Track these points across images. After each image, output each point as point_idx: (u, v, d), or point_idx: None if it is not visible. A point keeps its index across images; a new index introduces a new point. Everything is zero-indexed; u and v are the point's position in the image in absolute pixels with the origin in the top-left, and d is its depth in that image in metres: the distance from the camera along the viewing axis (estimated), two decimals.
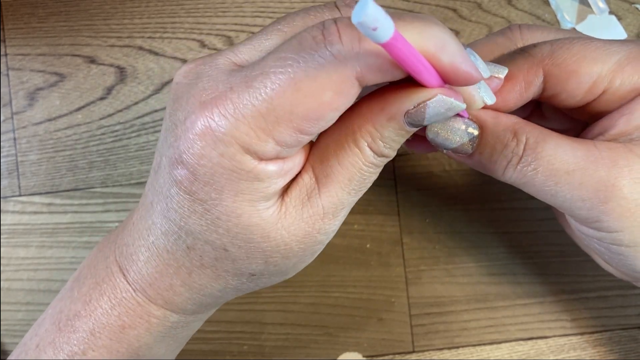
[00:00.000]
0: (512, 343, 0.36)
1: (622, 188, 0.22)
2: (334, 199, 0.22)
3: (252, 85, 0.19)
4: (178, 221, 0.22)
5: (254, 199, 0.21)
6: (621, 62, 0.23)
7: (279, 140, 0.19)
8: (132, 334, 0.24)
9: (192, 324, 0.26)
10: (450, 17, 0.36)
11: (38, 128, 0.36)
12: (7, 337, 0.35)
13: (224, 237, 0.21)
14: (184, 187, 0.21)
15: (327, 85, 0.19)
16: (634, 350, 0.36)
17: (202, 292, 0.23)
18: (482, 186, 0.36)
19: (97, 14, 0.36)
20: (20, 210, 0.36)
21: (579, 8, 0.37)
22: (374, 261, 0.36)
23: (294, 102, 0.19)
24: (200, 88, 0.20)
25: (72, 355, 0.24)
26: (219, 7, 0.36)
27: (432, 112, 0.20)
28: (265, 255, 0.22)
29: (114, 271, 0.24)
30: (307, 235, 0.22)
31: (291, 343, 0.36)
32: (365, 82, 0.19)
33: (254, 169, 0.20)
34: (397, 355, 0.36)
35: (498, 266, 0.36)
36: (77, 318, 0.24)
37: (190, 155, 0.20)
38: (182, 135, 0.20)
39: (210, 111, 0.19)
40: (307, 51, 0.18)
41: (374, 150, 0.21)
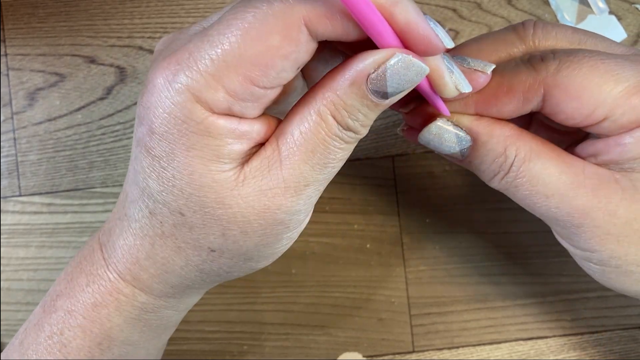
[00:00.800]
0: (512, 343, 0.36)
1: (595, 218, 0.22)
2: (296, 171, 0.21)
3: (207, 33, 0.20)
4: (141, 183, 0.22)
5: (206, 156, 0.20)
6: (629, 91, 0.22)
7: (229, 89, 0.19)
8: (103, 313, 0.24)
9: (163, 311, 0.25)
10: (450, 17, 0.36)
11: (38, 128, 0.36)
12: (7, 337, 0.35)
13: (179, 199, 0.21)
14: (145, 145, 0.21)
15: (274, 29, 0.19)
16: (634, 350, 0.36)
17: (165, 267, 0.23)
18: (482, 186, 0.36)
19: (97, 14, 0.36)
20: (20, 210, 0.36)
21: (579, 8, 0.37)
22: (374, 261, 0.36)
23: (243, 46, 0.19)
24: (169, 49, 0.21)
25: (51, 335, 0.24)
26: (219, 7, 0.36)
27: (393, 74, 0.20)
28: (221, 225, 0.21)
29: (94, 248, 0.24)
30: (266, 209, 0.21)
31: (291, 343, 0.36)
32: (315, 30, 0.19)
33: (204, 120, 0.20)
34: (397, 355, 0.36)
35: (498, 266, 0.36)
36: (59, 297, 0.24)
37: (148, 108, 0.20)
38: (145, 90, 0.21)
39: (168, 62, 0.20)
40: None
41: (337, 120, 0.21)
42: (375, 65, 0.20)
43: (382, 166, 0.36)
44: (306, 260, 0.36)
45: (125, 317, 0.24)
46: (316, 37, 0.20)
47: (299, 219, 0.23)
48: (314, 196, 0.22)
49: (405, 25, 0.19)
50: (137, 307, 0.24)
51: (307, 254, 0.36)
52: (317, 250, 0.36)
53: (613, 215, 0.22)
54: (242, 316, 0.36)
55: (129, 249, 0.23)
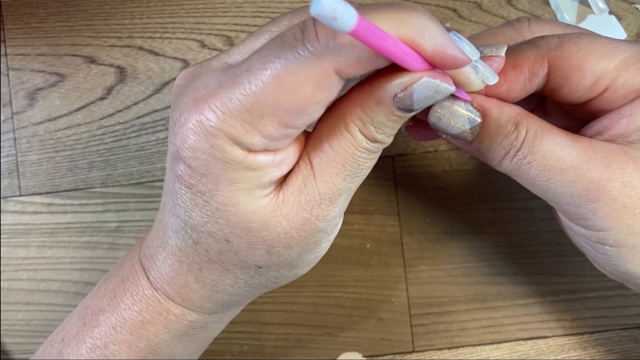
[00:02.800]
0: (512, 343, 0.36)
1: (611, 190, 0.22)
2: (330, 184, 0.22)
3: (238, 81, 0.20)
4: (183, 216, 0.22)
5: (249, 187, 0.21)
6: (627, 61, 0.23)
7: (264, 134, 0.20)
8: (151, 330, 0.25)
9: (210, 325, 0.26)
10: (450, 17, 0.36)
11: (38, 128, 0.36)
12: (7, 337, 0.35)
13: (224, 228, 0.22)
14: (185, 182, 0.22)
15: (307, 80, 0.19)
16: (634, 350, 0.36)
17: (215, 287, 0.24)
18: (482, 186, 0.36)
19: (97, 14, 0.36)
20: (20, 210, 0.36)
21: (579, 8, 0.37)
22: (374, 261, 0.36)
23: (276, 97, 0.19)
24: (194, 87, 0.21)
25: (94, 348, 0.25)
26: (219, 7, 0.36)
27: (420, 95, 0.20)
28: (266, 244, 0.22)
29: (137, 270, 0.25)
30: (305, 222, 0.22)
31: (291, 343, 0.36)
32: (346, 74, 0.20)
33: (244, 159, 0.21)
34: (397, 355, 0.36)
35: (498, 266, 0.36)
36: (101, 313, 0.25)
37: (186, 149, 0.21)
38: (178, 132, 0.21)
39: (201, 107, 0.20)
40: (288, 48, 0.19)
41: (365, 135, 0.21)
42: (403, 87, 0.20)
43: (382, 166, 0.36)
44: None
45: (173, 334, 0.25)
46: (346, 78, 0.20)
47: (335, 223, 0.24)
48: (347, 202, 0.23)
49: (434, 51, 0.19)
50: (185, 325, 0.25)
51: None
52: None
53: (628, 186, 0.22)
54: (243, 316, 0.35)
55: (176, 274, 0.24)
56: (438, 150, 0.36)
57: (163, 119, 0.36)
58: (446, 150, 0.36)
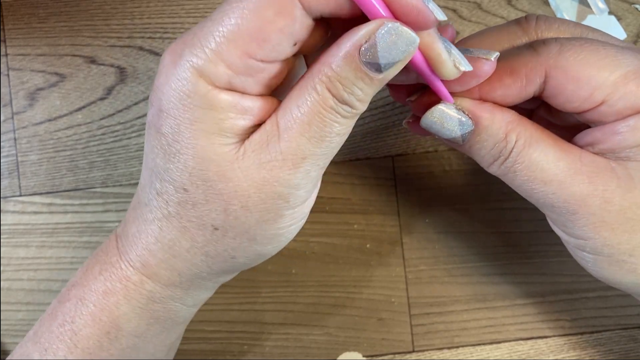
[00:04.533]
0: (512, 343, 0.36)
1: (591, 205, 0.23)
2: (293, 144, 0.21)
3: (211, 16, 0.21)
4: (150, 164, 0.23)
5: (209, 130, 0.21)
6: (627, 76, 0.22)
7: (228, 62, 0.20)
8: (112, 301, 0.25)
9: (170, 303, 0.25)
10: (450, 17, 0.37)
11: (38, 128, 0.36)
12: (7, 337, 0.35)
13: (183, 174, 0.22)
14: (154, 125, 0.22)
15: (269, 3, 0.20)
16: (633, 350, 0.36)
17: (172, 250, 0.24)
18: (482, 186, 0.36)
19: (98, 14, 0.36)
20: (21, 210, 0.36)
21: (579, 8, 0.37)
22: (374, 261, 0.36)
23: (240, 20, 0.20)
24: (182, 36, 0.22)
25: (63, 323, 0.25)
26: None
27: (384, 44, 0.20)
28: (223, 200, 0.22)
29: (111, 239, 0.25)
30: (265, 182, 0.22)
31: (291, 343, 0.36)
32: (309, 5, 0.20)
33: (207, 93, 0.21)
34: (397, 355, 0.36)
35: (498, 266, 0.36)
36: (74, 287, 0.25)
37: (157, 88, 0.22)
38: (157, 74, 0.22)
39: (176, 44, 0.21)
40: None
41: (332, 93, 0.21)
42: (367, 36, 0.20)
43: (382, 166, 0.36)
44: (306, 260, 0.36)
45: (133, 305, 0.25)
46: (310, 11, 0.20)
47: (299, 195, 0.23)
48: (313, 171, 0.22)
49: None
50: (144, 295, 0.25)
51: (307, 253, 0.36)
52: (317, 250, 0.36)
53: (608, 202, 0.23)
54: (243, 316, 0.36)
55: (140, 234, 0.24)
56: (438, 150, 0.36)
57: None
58: (446, 150, 0.36)
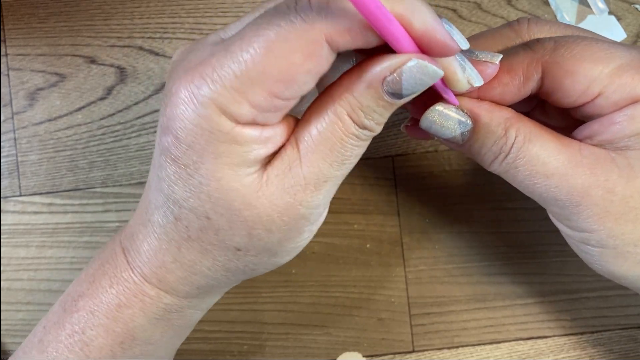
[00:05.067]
0: (512, 343, 0.36)
1: (594, 196, 0.23)
2: (315, 169, 0.22)
3: (230, 49, 0.20)
4: (166, 190, 0.22)
5: (233, 162, 0.21)
6: (621, 67, 0.23)
7: (253, 103, 0.20)
8: (127, 313, 0.24)
9: (186, 311, 0.26)
10: (450, 17, 0.37)
11: (38, 128, 0.36)
12: (7, 337, 0.35)
13: (206, 204, 0.22)
14: (170, 154, 0.21)
15: (297, 47, 0.19)
16: (633, 350, 0.36)
17: (192, 269, 0.24)
18: (482, 186, 0.36)
19: (98, 14, 0.36)
20: (21, 210, 0.36)
21: (579, 8, 0.37)
22: (374, 261, 0.36)
23: (266, 63, 0.19)
24: (187, 60, 0.21)
25: (72, 334, 0.25)
26: (219, 7, 0.37)
27: (409, 78, 0.20)
28: (247, 225, 0.22)
29: (117, 251, 0.25)
30: (288, 206, 0.22)
31: (291, 343, 0.36)
32: (337, 45, 0.20)
33: (231, 131, 0.20)
34: (397, 355, 0.36)
35: (498, 266, 0.36)
36: (81, 298, 0.25)
37: (174, 119, 0.21)
38: (168, 102, 0.21)
39: (192, 75, 0.20)
40: (280, 16, 0.19)
41: (354, 120, 0.21)
42: (392, 69, 0.20)
43: (382, 166, 0.36)
44: (306, 260, 0.36)
45: (149, 317, 0.25)
46: (337, 50, 0.20)
47: (319, 212, 0.23)
48: (332, 190, 0.23)
49: (423, 32, 0.19)
50: (161, 307, 0.25)
51: (307, 253, 0.36)
52: (317, 250, 0.36)
53: (611, 192, 0.23)
54: (243, 316, 0.36)
55: (155, 253, 0.24)
56: (438, 150, 0.36)
57: None
58: (446, 150, 0.36)
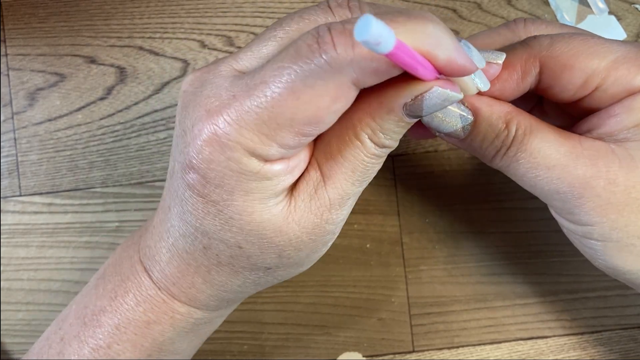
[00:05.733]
0: (512, 343, 0.36)
1: (596, 187, 0.23)
2: (340, 190, 0.22)
3: (254, 94, 0.20)
4: (194, 222, 0.22)
5: (263, 197, 0.21)
6: (617, 60, 0.23)
7: (281, 144, 0.20)
8: (157, 329, 0.25)
9: (214, 320, 0.27)
10: (450, 17, 0.37)
11: (38, 128, 0.36)
12: (7, 337, 0.35)
13: (237, 235, 0.22)
14: (197, 191, 0.22)
15: (325, 92, 0.19)
16: (633, 350, 0.36)
17: (223, 288, 0.24)
18: (482, 186, 0.36)
19: (97, 14, 0.36)
20: (21, 210, 0.36)
21: (579, 8, 0.37)
22: (374, 261, 0.36)
23: (294, 109, 0.19)
24: (205, 96, 0.21)
25: (97, 348, 0.25)
26: (219, 7, 0.36)
27: (430, 103, 0.21)
28: (278, 249, 0.23)
29: (138, 270, 0.25)
30: (316, 226, 0.23)
31: (291, 343, 0.36)
32: (362, 84, 0.20)
33: (260, 170, 0.21)
34: (397, 355, 0.36)
35: (498, 266, 0.36)
36: (103, 313, 0.25)
37: (200, 161, 0.21)
38: (191, 142, 0.21)
39: (215, 119, 0.20)
40: (304, 60, 0.19)
41: (374, 142, 0.22)
42: (413, 96, 0.21)
43: (382, 166, 0.36)
44: None
45: (178, 331, 0.25)
46: (362, 87, 0.20)
47: (341, 224, 0.24)
48: (353, 203, 0.24)
49: (447, 62, 0.19)
50: (191, 322, 0.25)
51: None
52: None
53: (613, 183, 0.23)
54: (243, 316, 0.36)
55: (183, 276, 0.24)
56: (438, 150, 0.36)
57: (163, 119, 0.36)
58: (446, 150, 0.36)
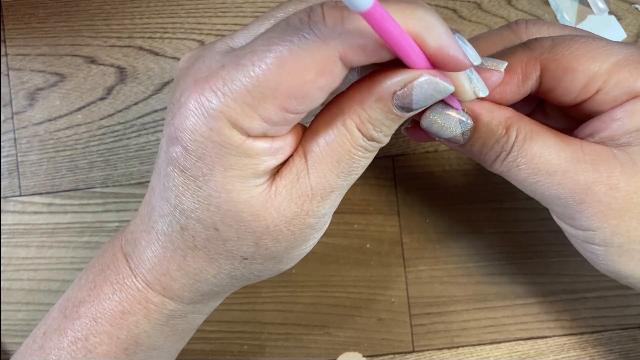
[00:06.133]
0: (512, 343, 0.36)
1: (597, 192, 0.23)
2: (323, 180, 0.22)
3: (241, 62, 0.20)
4: (173, 200, 0.22)
5: (243, 175, 0.21)
6: (619, 63, 0.23)
7: (265, 117, 0.20)
8: (131, 320, 0.24)
9: (190, 315, 0.26)
10: (450, 17, 0.37)
11: (38, 128, 0.36)
12: (7, 337, 0.35)
13: (214, 215, 0.22)
14: (179, 164, 0.21)
15: (310, 64, 0.19)
16: (633, 350, 0.36)
17: (197, 276, 0.24)
18: (482, 186, 0.36)
19: (97, 14, 0.36)
20: (21, 210, 0.36)
21: (579, 8, 0.37)
22: (374, 261, 0.36)
23: (278, 79, 0.19)
24: (196, 68, 0.21)
25: (75, 341, 0.24)
26: (219, 7, 0.36)
27: (419, 93, 0.20)
28: (255, 236, 0.22)
29: (118, 257, 0.25)
30: (295, 216, 0.22)
31: (291, 343, 0.36)
32: (350, 62, 0.19)
33: (242, 144, 0.20)
34: (397, 355, 0.36)
35: (498, 266, 0.36)
36: (82, 304, 0.25)
37: (183, 131, 0.21)
38: (176, 112, 0.21)
39: (202, 87, 0.20)
40: (293, 31, 0.19)
41: (362, 133, 0.21)
42: (403, 84, 0.20)
43: (382, 166, 0.36)
44: (306, 261, 0.36)
45: (153, 323, 0.25)
46: (350, 66, 0.20)
47: (324, 221, 0.24)
48: (338, 199, 0.23)
49: (437, 49, 0.19)
50: (165, 314, 0.25)
51: (308, 254, 0.36)
52: (317, 250, 0.36)
53: (614, 188, 0.23)
54: (243, 316, 0.36)
55: (159, 260, 0.24)
56: (438, 150, 0.36)
57: (163, 119, 0.36)
58: (446, 151, 0.36)
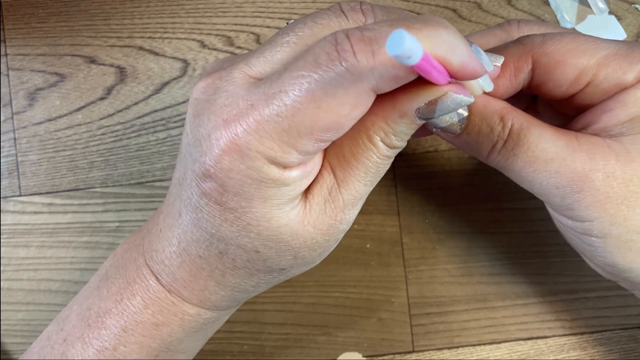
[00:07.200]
0: (512, 343, 0.36)
1: (594, 180, 0.23)
2: (353, 191, 0.23)
3: (273, 102, 0.20)
4: (209, 229, 0.22)
5: (281, 202, 0.22)
6: (608, 57, 0.24)
7: (301, 151, 0.20)
8: (165, 331, 0.25)
9: (223, 318, 0.27)
10: (450, 17, 0.37)
11: (38, 128, 0.36)
12: (7, 337, 0.35)
13: (255, 241, 0.22)
14: (214, 199, 0.22)
15: (345, 100, 0.19)
16: (634, 350, 0.36)
17: (236, 289, 0.25)
18: (482, 186, 0.36)
19: (97, 14, 0.36)
20: (21, 210, 0.36)
21: (579, 8, 0.37)
22: (374, 261, 0.36)
23: (314, 118, 0.19)
24: (220, 104, 0.21)
25: (102, 350, 0.25)
26: (219, 7, 0.36)
27: (442, 107, 0.21)
28: (294, 251, 0.23)
29: (145, 274, 0.25)
30: (330, 227, 0.23)
31: (291, 343, 0.36)
32: (382, 90, 0.20)
33: (280, 177, 0.21)
34: (397, 355, 0.36)
35: (498, 266, 0.36)
36: (108, 315, 0.25)
37: (219, 170, 0.21)
38: (207, 150, 0.21)
39: (234, 128, 0.20)
40: (324, 68, 0.19)
41: (386, 144, 0.22)
42: (427, 101, 0.21)
43: None
44: None
45: (187, 331, 0.25)
46: (379, 93, 0.20)
47: (352, 221, 0.25)
48: (363, 201, 0.24)
49: (460, 67, 0.20)
50: (200, 322, 0.26)
51: None
52: None
53: (611, 176, 0.23)
54: (243, 316, 0.36)
55: (195, 279, 0.24)
56: (438, 150, 0.36)
57: (163, 119, 0.36)
58: (446, 150, 0.36)
